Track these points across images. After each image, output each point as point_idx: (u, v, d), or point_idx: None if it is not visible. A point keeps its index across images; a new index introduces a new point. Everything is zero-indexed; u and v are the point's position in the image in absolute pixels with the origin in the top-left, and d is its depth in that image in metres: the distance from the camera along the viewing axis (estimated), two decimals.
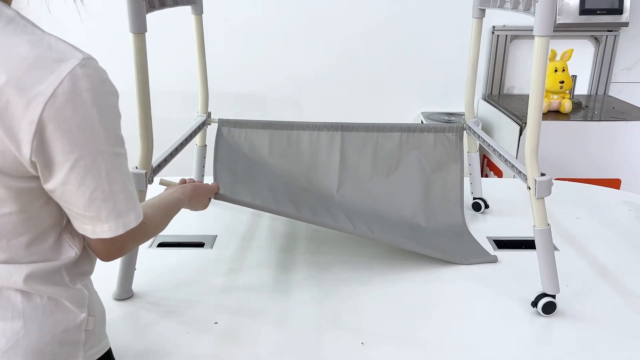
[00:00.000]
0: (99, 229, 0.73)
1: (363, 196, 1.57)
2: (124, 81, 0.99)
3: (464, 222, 1.60)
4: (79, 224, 0.74)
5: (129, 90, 1.15)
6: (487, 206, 1.75)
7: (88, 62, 0.68)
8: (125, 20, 1.07)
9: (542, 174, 1.19)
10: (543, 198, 1.19)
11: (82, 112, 0.67)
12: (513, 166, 1.31)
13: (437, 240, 1.50)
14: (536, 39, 1.10)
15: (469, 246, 1.50)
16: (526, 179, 1.22)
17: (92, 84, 0.68)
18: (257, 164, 1.57)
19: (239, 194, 1.36)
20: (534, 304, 1.23)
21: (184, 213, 1.17)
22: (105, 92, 0.70)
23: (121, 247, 0.78)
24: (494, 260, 1.45)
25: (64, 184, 0.69)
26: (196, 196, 1.17)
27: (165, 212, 0.97)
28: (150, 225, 0.84)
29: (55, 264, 0.77)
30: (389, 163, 1.61)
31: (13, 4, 0.72)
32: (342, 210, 1.50)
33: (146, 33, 1.09)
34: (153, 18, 1.15)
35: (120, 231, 0.74)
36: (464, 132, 1.66)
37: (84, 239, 0.79)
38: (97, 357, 0.84)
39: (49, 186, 0.70)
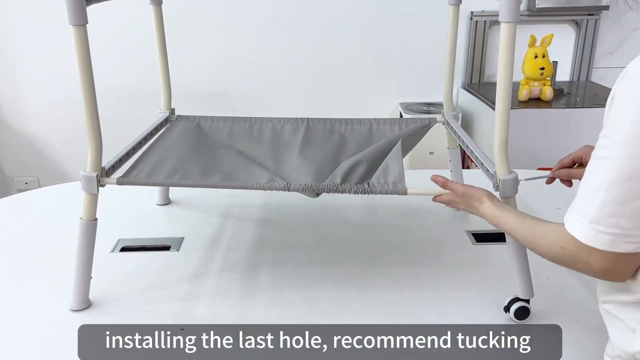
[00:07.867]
0: None
1: (323, 158, 1.41)
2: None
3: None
4: None
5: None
6: None
7: None
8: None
9: (512, 171, 1.10)
10: (513, 197, 1.12)
11: None
12: (482, 164, 1.23)
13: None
14: (502, 25, 1.02)
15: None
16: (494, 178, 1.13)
17: None
18: (207, 148, 1.46)
19: (154, 175, 1.24)
20: (507, 309, 1.16)
21: (152, 214, 1.10)
22: None
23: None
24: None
25: None
26: None
27: None
28: None
29: None
30: (357, 145, 1.49)
31: None
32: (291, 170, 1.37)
33: (88, 25, 1.02)
34: (112, 10, 1.07)
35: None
36: (444, 126, 1.58)
37: None
38: None
39: None
